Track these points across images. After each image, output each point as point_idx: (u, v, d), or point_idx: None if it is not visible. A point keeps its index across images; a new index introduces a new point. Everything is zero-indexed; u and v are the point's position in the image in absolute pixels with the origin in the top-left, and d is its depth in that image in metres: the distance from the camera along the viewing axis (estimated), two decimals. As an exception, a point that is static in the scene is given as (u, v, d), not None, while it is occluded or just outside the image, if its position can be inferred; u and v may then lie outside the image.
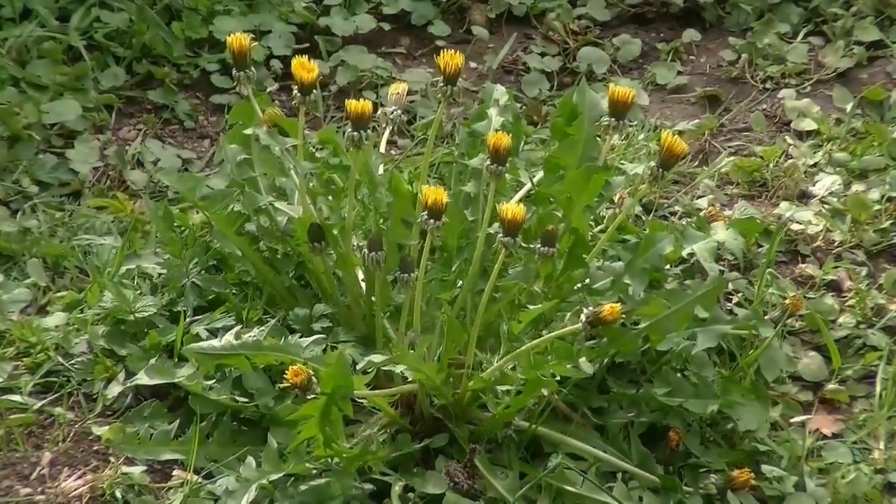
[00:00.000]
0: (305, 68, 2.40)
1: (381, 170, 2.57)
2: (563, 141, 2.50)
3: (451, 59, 2.38)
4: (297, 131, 2.47)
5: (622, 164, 2.64)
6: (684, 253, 2.58)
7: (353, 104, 2.32)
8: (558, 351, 2.21)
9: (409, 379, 2.30)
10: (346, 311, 2.52)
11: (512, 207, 2.23)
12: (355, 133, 2.33)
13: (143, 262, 2.62)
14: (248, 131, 2.51)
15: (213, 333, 2.46)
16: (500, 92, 2.70)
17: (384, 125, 2.56)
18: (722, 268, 2.77)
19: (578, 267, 2.38)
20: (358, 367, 2.20)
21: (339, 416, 2.18)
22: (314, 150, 2.59)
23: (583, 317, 2.19)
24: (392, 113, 2.57)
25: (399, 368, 2.22)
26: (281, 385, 2.24)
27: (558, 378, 2.25)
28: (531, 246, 2.32)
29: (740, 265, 2.81)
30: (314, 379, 2.14)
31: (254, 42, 2.45)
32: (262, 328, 2.30)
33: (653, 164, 2.36)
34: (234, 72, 2.45)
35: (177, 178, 2.63)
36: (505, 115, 2.64)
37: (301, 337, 2.28)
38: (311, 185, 2.51)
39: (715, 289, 2.35)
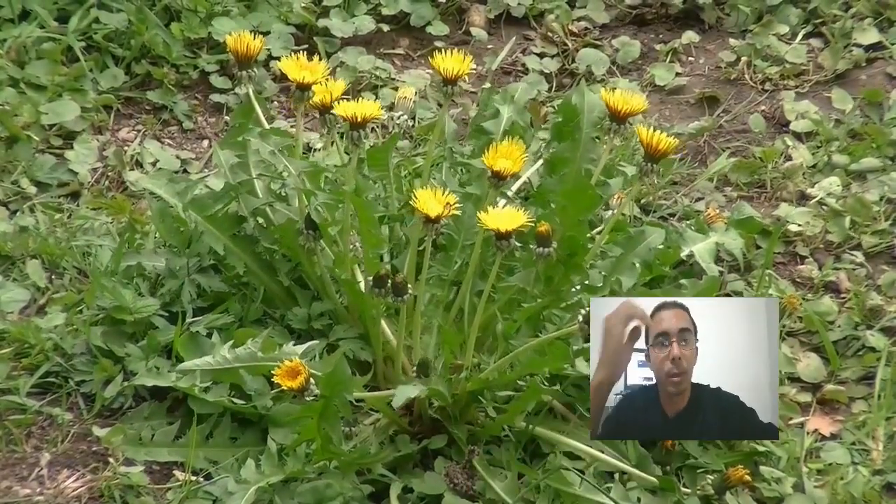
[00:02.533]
0: (307, 69, 2.40)
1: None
2: (563, 143, 2.50)
3: (454, 63, 2.38)
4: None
5: (622, 165, 2.64)
6: (683, 255, 2.58)
7: (342, 106, 2.33)
8: (555, 352, 2.21)
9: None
10: (343, 310, 2.52)
11: (498, 217, 2.23)
12: (354, 132, 2.34)
13: (143, 260, 2.61)
14: (242, 137, 2.50)
15: (211, 334, 2.46)
16: (522, 90, 2.70)
17: (391, 129, 2.57)
18: (721, 269, 2.76)
19: (578, 273, 2.37)
20: (395, 403, 2.18)
21: (338, 417, 2.18)
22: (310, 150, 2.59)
23: (580, 316, 2.19)
24: (399, 118, 2.58)
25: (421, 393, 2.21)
26: (275, 389, 2.24)
27: (555, 378, 2.25)
28: (530, 247, 2.32)
29: (740, 266, 2.81)
30: (312, 380, 2.14)
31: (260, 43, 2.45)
32: (256, 339, 2.29)
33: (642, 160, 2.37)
34: (236, 70, 2.45)
35: (165, 183, 2.62)
36: (521, 116, 2.64)
37: (300, 337, 2.28)
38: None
39: (709, 288, 2.35)
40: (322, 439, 2.19)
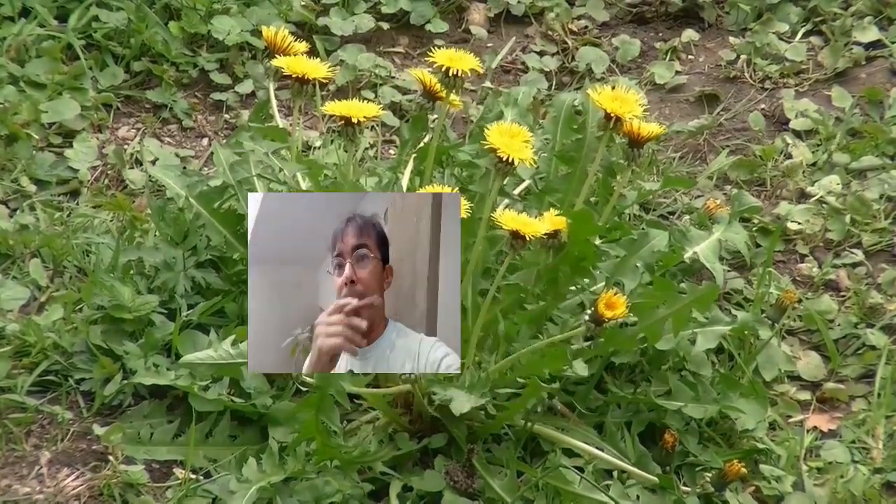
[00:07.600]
0: (310, 66, 2.41)
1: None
2: (567, 143, 2.51)
3: (456, 60, 2.38)
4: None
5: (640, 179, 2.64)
6: (686, 257, 2.57)
7: (332, 106, 2.34)
8: (553, 353, 2.20)
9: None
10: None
11: (517, 220, 2.23)
12: (349, 129, 2.35)
13: (143, 255, 2.61)
14: (243, 137, 2.51)
15: (209, 330, 2.46)
16: (525, 93, 2.69)
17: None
18: (726, 268, 2.76)
19: (584, 276, 2.37)
20: (454, 410, 2.17)
21: (335, 408, 2.18)
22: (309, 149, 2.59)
23: (585, 315, 2.19)
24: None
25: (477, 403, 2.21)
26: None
27: (555, 377, 2.25)
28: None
29: (746, 260, 2.81)
30: None
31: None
32: None
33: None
34: (267, 61, 2.46)
35: (176, 175, 2.63)
36: (524, 118, 2.63)
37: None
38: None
39: (709, 294, 2.34)
40: (321, 435, 2.19)
